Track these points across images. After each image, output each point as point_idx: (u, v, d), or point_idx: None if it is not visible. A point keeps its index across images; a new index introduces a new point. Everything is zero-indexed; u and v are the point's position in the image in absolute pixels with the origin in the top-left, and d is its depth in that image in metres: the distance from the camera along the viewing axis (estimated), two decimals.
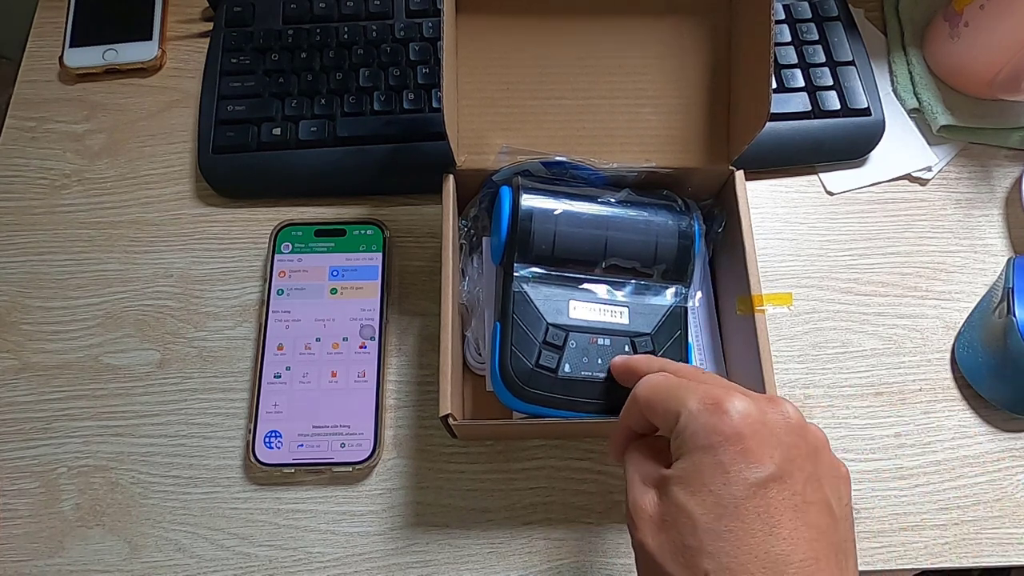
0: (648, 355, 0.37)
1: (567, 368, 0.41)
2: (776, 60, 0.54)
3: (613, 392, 0.41)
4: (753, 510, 0.28)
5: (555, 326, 0.41)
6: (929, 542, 0.45)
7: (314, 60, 0.54)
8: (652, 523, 0.30)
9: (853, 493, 0.45)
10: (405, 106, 0.53)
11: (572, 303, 0.42)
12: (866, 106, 0.53)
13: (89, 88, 0.56)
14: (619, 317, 0.43)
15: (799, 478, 0.29)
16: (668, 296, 0.44)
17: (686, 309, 0.44)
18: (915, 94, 0.56)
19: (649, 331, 0.43)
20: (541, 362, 0.40)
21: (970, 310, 0.50)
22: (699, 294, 0.47)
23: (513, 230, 0.42)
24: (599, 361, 0.41)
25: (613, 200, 0.44)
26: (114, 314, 0.49)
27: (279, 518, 0.45)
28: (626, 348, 0.42)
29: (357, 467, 0.44)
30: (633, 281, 0.44)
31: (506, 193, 0.44)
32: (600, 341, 0.42)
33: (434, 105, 0.53)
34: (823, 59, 0.54)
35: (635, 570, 0.44)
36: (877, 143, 0.54)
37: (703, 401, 0.30)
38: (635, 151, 0.46)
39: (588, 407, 0.41)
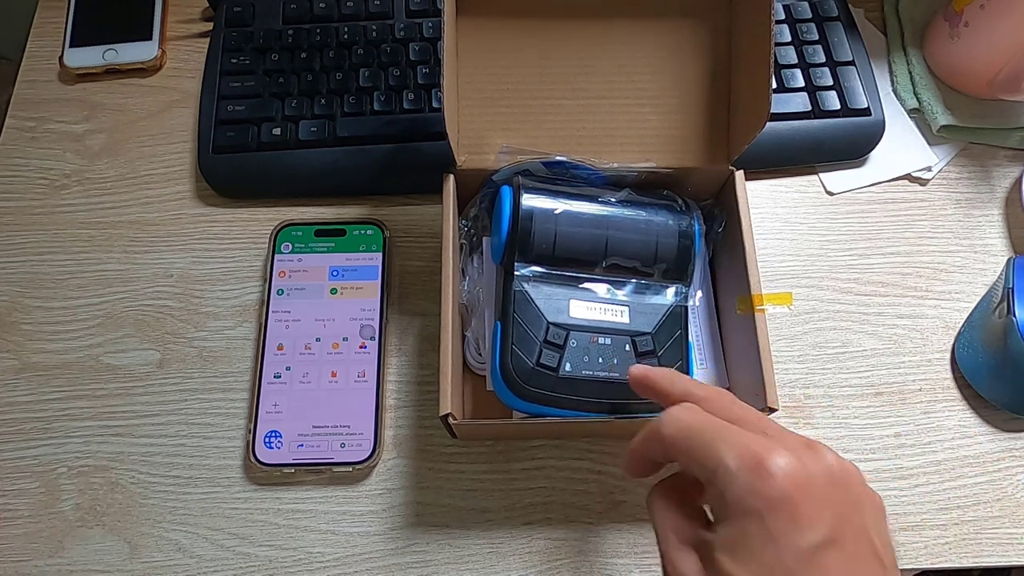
0: (670, 371, 0.34)
1: (568, 367, 0.41)
2: (776, 60, 0.54)
3: (614, 391, 0.41)
4: None
5: (556, 325, 0.41)
6: (929, 542, 0.45)
7: (314, 60, 0.54)
8: None
9: None
10: (405, 106, 0.53)
11: (573, 302, 0.42)
12: (866, 106, 0.53)
13: (89, 88, 0.56)
14: (620, 316, 0.43)
15: (850, 535, 0.27)
16: (668, 295, 0.44)
17: (686, 308, 0.44)
18: (915, 94, 0.56)
19: (650, 330, 0.43)
20: (542, 361, 0.40)
21: (970, 310, 0.50)
22: (699, 293, 0.47)
23: (514, 230, 0.42)
24: (600, 360, 0.41)
25: (613, 200, 0.44)
26: (114, 314, 0.49)
27: (279, 518, 0.45)
28: (627, 347, 0.42)
29: (357, 467, 0.44)
30: (633, 280, 0.44)
31: (507, 193, 0.44)
32: (601, 340, 0.42)
33: (434, 105, 0.53)
34: (823, 59, 0.54)
35: (635, 570, 0.44)
36: (877, 143, 0.54)
37: (742, 459, 0.27)
38: (635, 151, 0.46)
39: (589, 406, 0.41)
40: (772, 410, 0.39)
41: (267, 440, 0.45)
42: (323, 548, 0.44)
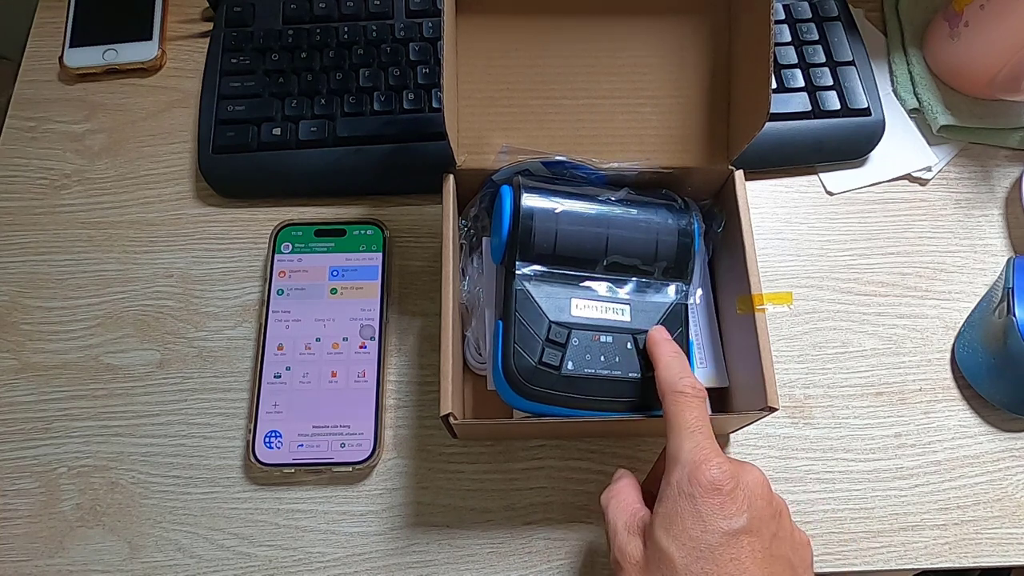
0: (676, 360, 0.39)
1: (570, 365, 0.41)
2: (776, 60, 0.54)
3: (616, 389, 0.41)
4: (727, 555, 0.31)
5: (557, 324, 0.41)
6: (929, 542, 0.45)
7: (314, 60, 0.54)
8: (638, 567, 0.33)
9: (854, 493, 0.46)
10: (405, 106, 0.53)
11: (574, 301, 0.42)
12: (866, 106, 0.53)
13: (89, 88, 0.56)
14: (621, 315, 0.43)
15: (766, 534, 0.33)
16: (669, 293, 0.44)
17: (686, 307, 0.44)
18: (915, 94, 0.56)
19: (651, 328, 0.43)
20: (544, 359, 0.40)
21: (970, 310, 0.50)
22: (699, 292, 0.47)
23: (514, 229, 0.42)
24: (602, 358, 0.41)
25: (613, 199, 0.44)
26: (114, 314, 0.49)
27: (279, 518, 0.45)
28: (628, 345, 0.42)
29: (357, 467, 0.44)
30: (634, 279, 0.44)
31: (507, 192, 0.44)
32: (603, 338, 0.42)
33: (434, 105, 0.53)
34: (823, 59, 0.54)
35: None
36: (877, 143, 0.54)
37: (693, 453, 0.34)
38: (635, 151, 0.46)
39: (591, 404, 0.41)
40: (772, 409, 0.39)
41: (267, 440, 0.45)
42: (323, 548, 0.44)
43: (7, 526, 0.44)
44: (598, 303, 0.43)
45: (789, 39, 0.55)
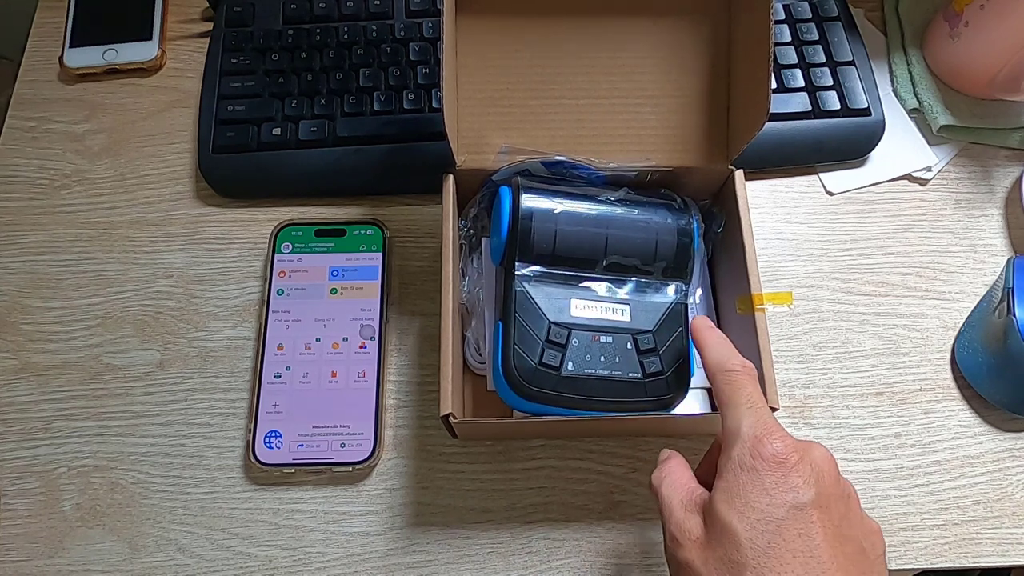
0: (721, 342, 0.38)
1: (570, 366, 0.41)
2: (776, 60, 0.54)
3: (616, 389, 0.41)
4: (795, 529, 0.29)
5: (557, 324, 0.41)
6: (929, 542, 0.45)
7: (314, 60, 0.54)
8: (698, 543, 0.31)
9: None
10: (405, 106, 0.53)
11: (574, 301, 0.42)
12: (866, 106, 0.53)
13: (89, 88, 0.56)
14: (621, 315, 0.43)
15: (836, 513, 0.31)
16: (669, 293, 0.44)
17: (686, 306, 0.44)
18: (915, 94, 0.56)
19: (651, 328, 0.43)
20: (544, 360, 0.40)
21: (970, 310, 0.50)
22: (699, 291, 0.47)
23: (514, 230, 0.42)
24: (602, 359, 0.41)
25: (612, 199, 0.44)
26: (114, 314, 0.49)
27: (279, 518, 0.45)
28: (628, 345, 0.42)
29: (357, 467, 0.44)
30: (633, 279, 0.44)
31: (506, 193, 0.44)
32: (603, 339, 0.42)
33: (434, 105, 0.53)
34: (823, 59, 0.54)
35: (635, 570, 0.44)
36: (877, 143, 0.54)
37: (753, 428, 0.32)
38: (635, 151, 0.46)
39: (591, 405, 0.41)
40: (772, 409, 0.39)
41: (267, 440, 0.45)
42: (323, 548, 0.44)
43: (7, 526, 0.44)
44: (598, 303, 0.43)
45: (789, 39, 0.55)
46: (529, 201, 0.43)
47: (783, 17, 0.56)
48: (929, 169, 0.54)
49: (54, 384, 0.48)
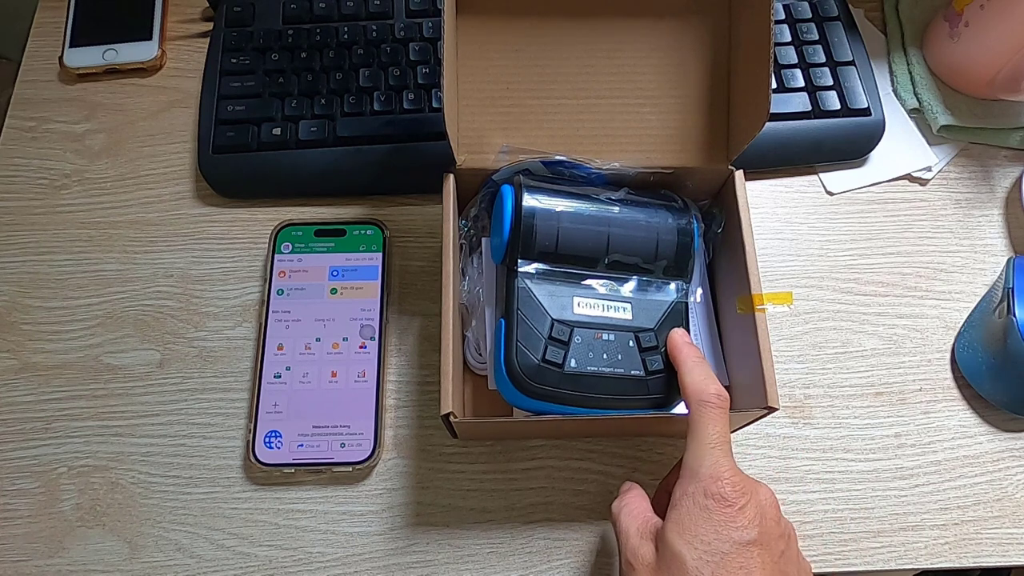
0: (697, 362, 0.40)
1: (573, 363, 0.41)
2: (776, 60, 0.54)
3: (618, 387, 0.41)
4: (736, 563, 0.33)
5: (560, 322, 0.41)
6: (929, 542, 0.45)
7: (314, 60, 0.54)
8: (650, 568, 0.35)
9: (854, 493, 0.46)
10: (405, 106, 0.53)
11: (576, 299, 0.42)
12: (866, 106, 0.53)
13: (89, 88, 0.56)
14: (623, 313, 0.43)
15: (775, 551, 0.34)
16: (670, 291, 0.44)
17: (687, 305, 0.44)
18: (915, 94, 0.56)
19: (652, 326, 0.43)
20: (547, 357, 0.40)
21: (970, 310, 0.50)
22: (699, 290, 0.47)
23: (516, 228, 0.42)
24: (604, 356, 0.41)
25: (613, 198, 0.44)
26: (114, 314, 0.49)
27: (279, 518, 0.45)
28: (630, 343, 0.42)
29: (357, 467, 0.44)
30: (635, 278, 0.44)
31: (508, 192, 0.44)
32: (605, 336, 0.42)
33: (434, 105, 0.53)
34: (823, 59, 0.54)
35: None
36: (877, 143, 0.54)
37: (711, 468, 0.35)
38: (635, 151, 0.46)
39: (594, 402, 0.41)
40: (772, 409, 0.39)
41: (267, 440, 0.45)
42: (323, 548, 0.44)
43: (7, 526, 0.44)
44: (600, 301, 0.43)
45: (789, 39, 0.55)
46: (531, 199, 0.43)
47: (783, 17, 0.56)
48: (929, 169, 0.54)
49: (54, 384, 0.48)
